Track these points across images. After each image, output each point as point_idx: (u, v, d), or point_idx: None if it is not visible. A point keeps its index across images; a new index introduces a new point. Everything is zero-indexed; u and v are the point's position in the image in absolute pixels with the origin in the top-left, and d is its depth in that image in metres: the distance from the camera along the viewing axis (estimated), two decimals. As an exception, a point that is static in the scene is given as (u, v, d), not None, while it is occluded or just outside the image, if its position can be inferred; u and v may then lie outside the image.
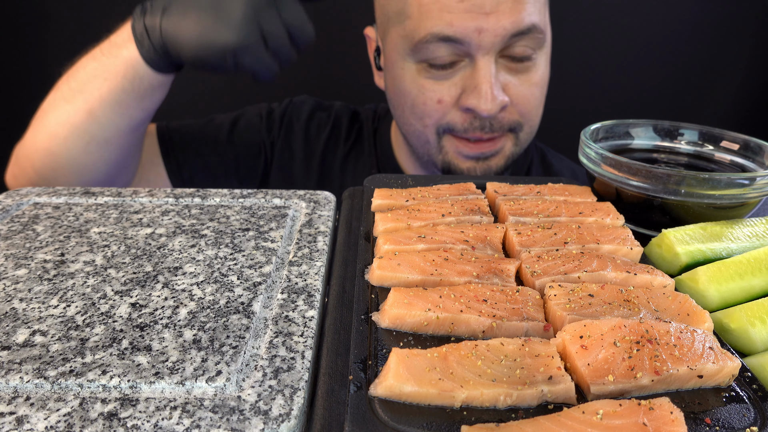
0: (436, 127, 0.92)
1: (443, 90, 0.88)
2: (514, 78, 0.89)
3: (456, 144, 0.92)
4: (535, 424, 0.34)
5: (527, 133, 0.95)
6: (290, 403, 0.37)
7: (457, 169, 0.95)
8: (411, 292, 0.46)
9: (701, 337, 0.41)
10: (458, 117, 0.89)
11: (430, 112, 0.90)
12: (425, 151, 0.96)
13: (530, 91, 0.90)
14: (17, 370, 0.39)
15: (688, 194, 0.60)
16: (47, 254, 0.55)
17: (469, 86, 0.86)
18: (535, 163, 1.13)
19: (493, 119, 0.88)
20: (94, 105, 0.78)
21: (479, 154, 0.93)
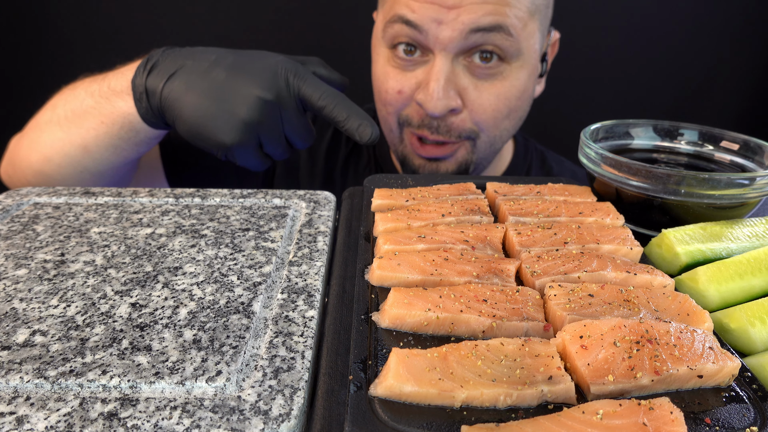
0: (396, 116, 0.92)
1: (404, 80, 0.89)
2: (475, 84, 0.87)
3: (411, 140, 0.93)
4: (535, 424, 0.34)
5: (486, 143, 0.93)
6: (290, 403, 0.37)
7: (411, 164, 0.96)
8: (411, 292, 0.46)
9: (701, 337, 0.41)
10: (414, 111, 0.90)
11: (392, 101, 0.91)
12: (391, 140, 0.97)
13: (490, 100, 0.88)
14: (17, 370, 0.39)
15: (688, 194, 0.60)
16: (47, 254, 0.55)
17: (423, 81, 0.87)
18: (535, 165, 1.13)
19: (441, 121, 0.88)
20: (88, 141, 0.78)
21: (428, 157, 0.93)
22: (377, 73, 0.93)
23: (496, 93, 0.88)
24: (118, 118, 0.75)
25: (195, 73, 0.70)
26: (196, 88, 0.69)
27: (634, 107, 1.72)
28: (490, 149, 0.95)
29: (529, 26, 0.86)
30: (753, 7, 1.62)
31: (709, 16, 1.63)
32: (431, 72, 0.85)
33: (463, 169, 0.95)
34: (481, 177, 0.77)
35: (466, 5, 0.81)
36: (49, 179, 0.81)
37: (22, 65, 1.68)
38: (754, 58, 1.69)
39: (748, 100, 1.73)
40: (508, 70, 0.88)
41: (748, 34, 1.66)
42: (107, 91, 0.77)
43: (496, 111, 0.89)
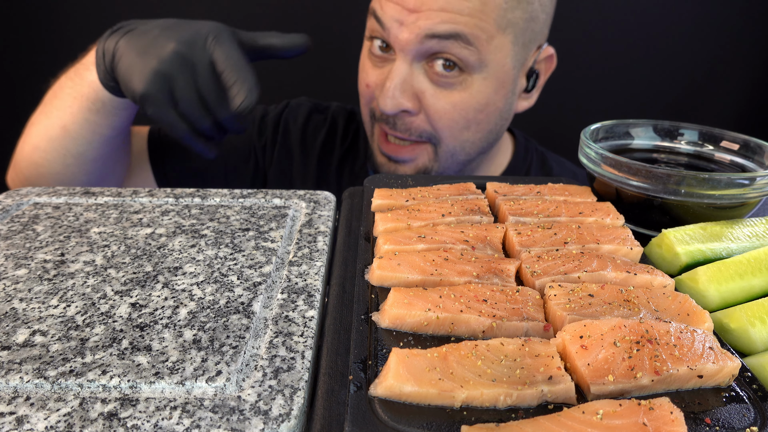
0: (368, 108, 0.95)
1: (374, 75, 0.91)
2: (433, 90, 0.88)
3: (379, 135, 0.95)
4: (535, 424, 0.34)
5: (447, 152, 0.93)
6: (290, 403, 0.37)
7: (374, 160, 0.98)
8: (411, 292, 0.46)
9: (701, 337, 0.41)
10: (376, 106, 0.92)
11: (363, 93, 0.94)
12: (367, 131, 0.99)
13: (446, 108, 0.88)
14: (17, 370, 0.39)
15: (688, 194, 0.60)
16: (47, 254, 0.55)
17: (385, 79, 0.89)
18: (535, 165, 1.13)
19: (397, 119, 0.89)
20: (67, 121, 0.80)
21: (390, 156, 0.94)
22: (360, 65, 0.97)
23: (453, 102, 0.88)
24: (87, 89, 0.78)
25: (138, 32, 0.73)
26: (132, 44, 0.72)
27: (634, 107, 1.72)
28: (452, 159, 0.95)
29: (497, 39, 0.85)
30: (753, 7, 1.62)
31: (709, 16, 1.63)
32: (390, 71, 0.88)
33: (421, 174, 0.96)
34: (482, 177, 0.77)
35: (425, 11, 0.82)
36: (39, 169, 0.83)
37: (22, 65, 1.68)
38: (754, 58, 1.69)
39: (748, 100, 1.73)
40: (470, 81, 0.87)
41: (748, 34, 1.66)
42: (79, 67, 0.80)
43: (452, 120, 0.89)
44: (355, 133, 1.14)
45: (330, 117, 1.14)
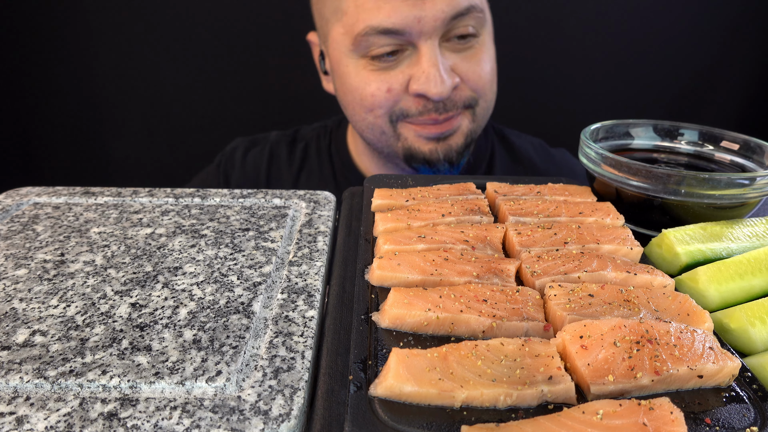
0: (388, 115, 0.93)
1: (390, 79, 0.89)
2: (461, 58, 0.90)
3: (414, 129, 0.93)
4: (535, 424, 0.34)
5: (483, 108, 0.96)
6: (290, 403, 0.37)
7: (418, 154, 0.96)
8: (411, 292, 0.46)
9: (701, 337, 0.41)
10: (411, 102, 0.90)
11: (380, 102, 0.91)
12: (384, 143, 0.97)
13: (480, 67, 0.92)
14: (17, 370, 0.39)
15: (688, 194, 0.60)
16: (47, 254, 0.55)
17: (416, 72, 0.87)
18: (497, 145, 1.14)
19: (446, 100, 0.89)
20: None
21: (438, 135, 0.93)
22: (353, 84, 0.92)
23: (481, 59, 0.92)
24: None
25: None
26: None
27: (634, 107, 1.72)
28: (486, 114, 0.98)
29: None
30: (753, 7, 1.62)
31: (710, 16, 1.63)
32: (423, 61, 0.86)
33: (469, 141, 0.97)
34: (482, 177, 0.77)
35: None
36: None
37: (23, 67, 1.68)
38: (754, 58, 1.69)
39: (748, 100, 1.73)
40: (481, 39, 0.92)
41: (748, 34, 1.66)
42: None
43: (488, 75, 0.94)
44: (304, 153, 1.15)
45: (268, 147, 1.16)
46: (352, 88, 0.93)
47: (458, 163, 0.97)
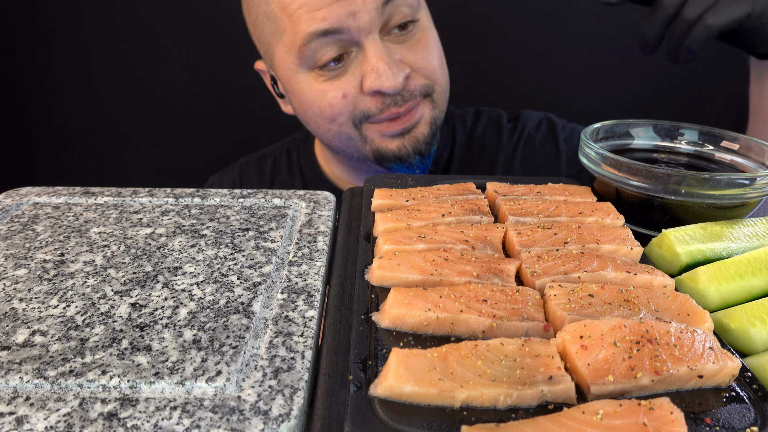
0: (351, 121, 0.93)
1: (343, 84, 0.90)
2: (406, 48, 0.91)
3: (377, 128, 0.94)
4: (535, 424, 0.34)
5: (440, 93, 0.96)
6: (290, 403, 0.37)
7: (387, 152, 0.96)
8: (411, 292, 0.46)
9: (701, 337, 0.41)
10: (370, 102, 0.91)
11: (340, 110, 0.92)
12: (353, 148, 0.98)
13: (426, 53, 0.92)
14: (17, 370, 0.39)
15: (688, 194, 0.60)
16: (47, 254, 0.55)
17: (366, 71, 0.88)
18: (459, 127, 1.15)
19: (402, 91, 0.90)
20: None
21: (402, 129, 0.94)
22: (308, 99, 0.93)
23: (426, 46, 0.93)
24: None
25: None
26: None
27: (634, 107, 1.72)
28: (444, 97, 0.99)
29: None
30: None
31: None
32: (370, 58, 0.87)
33: (434, 129, 0.97)
34: (482, 177, 0.77)
35: None
36: None
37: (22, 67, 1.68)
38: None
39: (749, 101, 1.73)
40: (420, 24, 0.93)
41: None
42: None
43: (436, 59, 0.94)
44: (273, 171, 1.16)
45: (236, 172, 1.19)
46: (309, 103, 0.93)
47: (428, 152, 0.97)
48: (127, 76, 1.69)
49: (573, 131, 1.14)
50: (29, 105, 1.73)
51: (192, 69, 1.68)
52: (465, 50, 1.54)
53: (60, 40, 1.64)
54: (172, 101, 1.72)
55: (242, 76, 1.67)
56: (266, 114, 1.70)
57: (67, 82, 1.69)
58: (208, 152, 1.80)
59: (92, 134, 1.78)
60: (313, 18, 0.84)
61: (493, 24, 1.60)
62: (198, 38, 1.63)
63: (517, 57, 1.65)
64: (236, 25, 1.61)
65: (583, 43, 1.63)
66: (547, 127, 1.14)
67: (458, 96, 1.11)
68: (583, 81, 1.69)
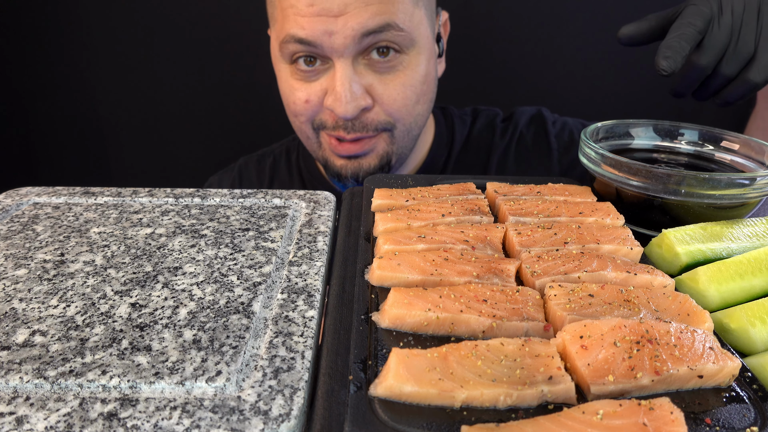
0: (310, 123, 0.95)
1: (310, 90, 0.91)
2: (379, 79, 0.90)
3: (329, 141, 0.95)
4: (535, 424, 0.34)
5: (402, 131, 0.96)
6: (290, 403, 0.37)
7: (331, 166, 0.97)
8: (411, 292, 0.46)
9: (701, 337, 0.41)
10: (327, 115, 0.92)
11: (301, 111, 0.93)
12: (310, 147, 0.99)
13: (397, 91, 0.91)
14: (17, 370, 0.39)
15: (689, 194, 0.60)
16: (47, 254, 0.55)
17: (329, 88, 0.89)
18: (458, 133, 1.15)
19: (356, 120, 0.90)
20: None
21: (348, 155, 0.95)
22: (283, 88, 0.95)
23: (402, 83, 0.91)
24: None
25: None
26: None
27: (634, 107, 1.72)
28: (408, 137, 0.97)
29: (416, 15, 0.89)
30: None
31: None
32: (334, 78, 0.87)
33: (384, 162, 0.97)
34: (482, 177, 0.77)
35: (352, 11, 0.82)
36: None
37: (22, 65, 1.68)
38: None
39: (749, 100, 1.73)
40: (407, 59, 0.91)
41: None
42: None
43: (406, 99, 0.92)
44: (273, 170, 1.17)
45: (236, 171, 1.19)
46: (282, 93, 0.97)
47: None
48: (127, 76, 1.69)
49: (564, 126, 1.13)
50: (29, 105, 1.73)
51: (192, 69, 1.68)
52: (465, 49, 1.54)
53: (60, 39, 1.64)
54: (172, 101, 1.72)
55: (242, 77, 1.67)
56: (266, 114, 1.70)
57: (67, 82, 1.69)
58: (208, 152, 1.80)
59: (92, 134, 1.78)
60: (295, 22, 0.85)
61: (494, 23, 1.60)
62: (198, 38, 1.63)
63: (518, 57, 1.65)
64: (237, 24, 1.61)
65: (583, 43, 1.63)
66: (539, 123, 1.14)
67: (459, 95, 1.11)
68: (583, 81, 1.69)
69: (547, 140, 1.11)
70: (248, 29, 1.59)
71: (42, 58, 1.67)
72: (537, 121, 1.14)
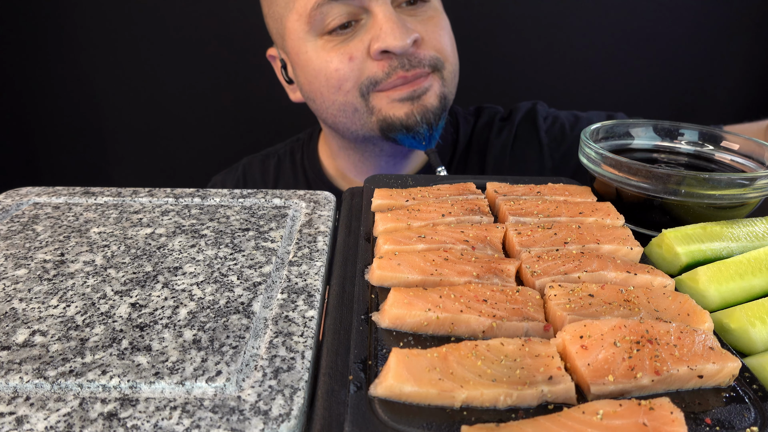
0: (358, 89, 0.92)
1: (350, 49, 0.90)
2: (417, 21, 0.92)
3: (386, 95, 0.93)
4: (535, 424, 0.34)
5: (450, 72, 0.97)
6: (290, 403, 0.37)
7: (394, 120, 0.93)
8: (411, 292, 0.46)
9: (701, 337, 0.41)
10: (375, 66, 0.90)
11: (346, 74, 0.91)
12: (358, 123, 0.96)
13: (437, 29, 0.93)
14: (17, 370, 0.39)
15: (688, 194, 0.60)
16: (47, 254, 0.55)
17: (374, 33, 0.88)
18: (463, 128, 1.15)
19: (410, 55, 0.90)
20: None
21: (411, 93, 0.92)
22: (316, 67, 0.92)
23: (436, 26, 0.93)
24: None
25: None
26: None
27: (634, 107, 1.72)
28: (453, 80, 0.99)
29: None
30: (754, 7, 1.62)
31: (710, 15, 1.63)
32: (379, 20, 0.87)
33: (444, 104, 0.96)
34: (482, 177, 0.77)
35: None
36: None
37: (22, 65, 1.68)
38: (754, 58, 1.69)
39: (749, 100, 1.73)
40: (433, 7, 0.94)
41: (748, 34, 1.66)
42: None
43: (447, 40, 0.95)
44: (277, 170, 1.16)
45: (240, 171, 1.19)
46: (316, 72, 0.93)
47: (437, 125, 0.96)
48: (127, 76, 1.69)
49: (555, 121, 1.13)
50: (29, 105, 1.73)
51: (193, 69, 1.68)
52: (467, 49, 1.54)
53: (60, 39, 1.64)
54: (172, 101, 1.72)
55: (244, 77, 1.67)
56: (268, 114, 1.70)
57: (67, 81, 1.69)
58: (209, 152, 1.80)
59: (92, 134, 1.78)
60: None
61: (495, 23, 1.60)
62: (200, 38, 1.63)
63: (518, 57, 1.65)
64: (238, 24, 1.61)
65: (583, 43, 1.63)
66: (531, 119, 1.14)
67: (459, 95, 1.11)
68: (583, 81, 1.69)
69: (537, 136, 1.11)
70: (251, 28, 1.59)
71: (42, 58, 1.67)
72: (530, 116, 1.14)
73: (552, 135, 1.10)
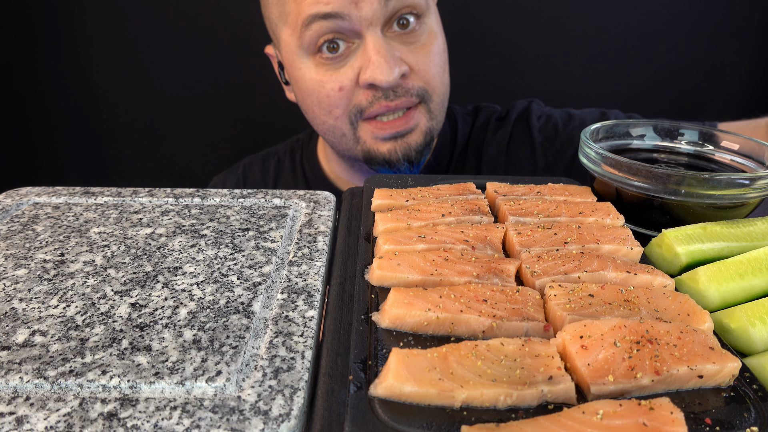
0: (347, 115, 0.93)
1: (341, 77, 0.90)
2: (409, 50, 0.90)
3: (371, 129, 0.93)
4: (535, 424, 0.34)
5: (437, 103, 0.96)
6: (290, 403, 0.37)
7: (377, 155, 0.95)
8: (411, 292, 0.46)
9: (701, 337, 0.41)
10: (363, 96, 0.90)
11: (336, 102, 0.92)
12: (344, 146, 0.97)
13: (428, 58, 0.92)
14: (17, 370, 0.39)
15: (688, 194, 0.60)
16: (47, 254, 0.55)
17: (364, 63, 0.88)
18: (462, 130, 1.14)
19: (396, 87, 0.90)
20: None
21: (395, 133, 0.93)
22: (309, 87, 0.93)
23: (429, 52, 0.92)
24: None
25: None
26: None
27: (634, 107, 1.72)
28: (441, 110, 0.98)
29: None
30: (754, 6, 1.62)
31: (710, 15, 1.63)
32: (369, 50, 0.87)
33: (429, 139, 0.96)
34: (482, 177, 0.77)
35: None
36: None
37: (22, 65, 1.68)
38: (754, 58, 1.69)
39: (749, 100, 1.73)
40: (425, 27, 0.92)
41: (749, 34, 1.66)
42: None
43: (437, 66, 0.93)
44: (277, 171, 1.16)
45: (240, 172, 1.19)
46: (309, 91, 0.94)
47: (418, 161, 0.97)
48: (127, 76, 1.69)
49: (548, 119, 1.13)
50: (29, 105, 1.73)
51: (193, 69, 1.68)
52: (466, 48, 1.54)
53: (60, 39, 1.64)
54: (172, 101, 1.72)
55: (243, 77, 1.67)
56: (268, 114, 1.70)
57: (67, 81, 1.69)
58: (209, 152, 1.80)
59: (92, 134, 1.78)
60: (317, 1, 0.84)
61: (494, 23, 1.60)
62: (199, 38, 1.63)
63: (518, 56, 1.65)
64: (238, 23, 1.61)
65: (583, 43, 1.63)
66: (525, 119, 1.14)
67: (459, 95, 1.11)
68: (583, 81, 1.69)
69: (530, 135, 1.11)
70: (251, 28, 1.59)
71: (42, 58, 1.67)
72: (524, 115, 1.14)
73: (545, 133, 1.10)
